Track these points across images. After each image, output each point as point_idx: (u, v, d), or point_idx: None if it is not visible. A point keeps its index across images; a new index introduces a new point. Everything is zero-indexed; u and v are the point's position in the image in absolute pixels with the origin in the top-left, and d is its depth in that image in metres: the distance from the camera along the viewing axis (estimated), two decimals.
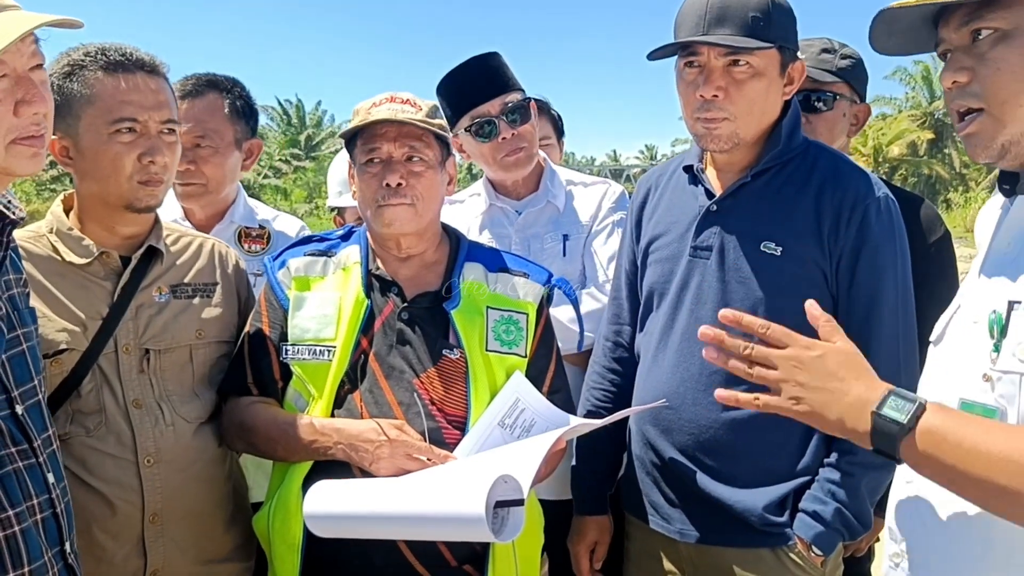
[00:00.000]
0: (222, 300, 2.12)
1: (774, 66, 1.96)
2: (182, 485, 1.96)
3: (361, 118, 1.99)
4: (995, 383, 1.29)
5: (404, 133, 1.97)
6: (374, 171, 1.98)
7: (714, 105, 1.96)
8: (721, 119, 1.97)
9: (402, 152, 1.97)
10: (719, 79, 1.94)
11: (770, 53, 1.94)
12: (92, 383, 1.91)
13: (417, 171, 1.98)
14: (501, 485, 1.67)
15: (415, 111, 1.98)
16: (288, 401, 2.02)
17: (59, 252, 1.94)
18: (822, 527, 1.93)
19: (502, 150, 2.60)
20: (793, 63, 2.01)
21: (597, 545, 2.32)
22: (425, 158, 1.99)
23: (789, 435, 1.99)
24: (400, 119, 1.94)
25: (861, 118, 2.73)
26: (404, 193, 1.96)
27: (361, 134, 2.00)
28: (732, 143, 1.99)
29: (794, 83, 2.03)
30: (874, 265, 1.95)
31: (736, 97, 1.95)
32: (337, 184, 3.12)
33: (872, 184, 2.00)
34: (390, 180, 1.95)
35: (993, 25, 1.31)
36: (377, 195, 1.97)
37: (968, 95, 1.35)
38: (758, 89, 1.95)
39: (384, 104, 1.98)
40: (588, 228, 2.65)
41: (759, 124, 2.00)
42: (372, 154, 1.98)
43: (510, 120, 2.57)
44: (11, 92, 1.38)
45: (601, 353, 2.34)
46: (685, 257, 2.09)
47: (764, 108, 1.99)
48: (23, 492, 1.45)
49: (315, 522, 1.79)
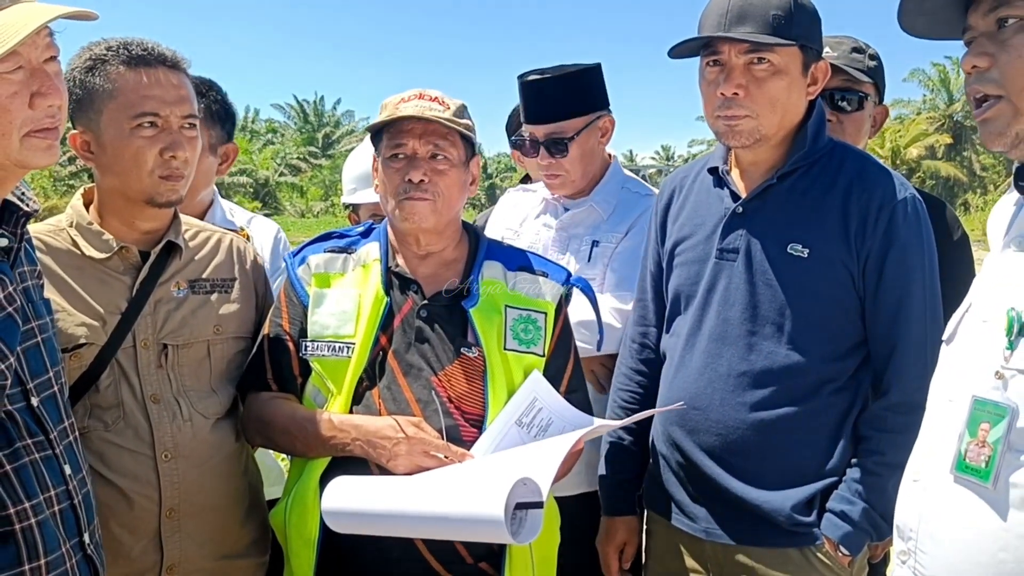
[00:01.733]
0: (240, 296, 2.12)
1: (796, 65, 1.96)
2: (199, 480, 1.96)
3: (389, 113, 1.99)
4: (1008, 381, 1.29)
5: (430, 131, 1.97)
6: (398, 166, 1.98)
7: (734, 103, 1.96)
8: (742, 116, 1.96)
9: (427, 149, 1.97)
10: (739, 76, 1.94)
11: (791, 51, 1.93)
12: (110, 378, 1.92)
13: (440, 169, 1.98)
14: (520, 487, 1.67)
15: (443, 109, 1.98)
16: (307, 397, 2.02)
17: (79, 246, 1.95)
18: (850, 527, 1.93)
19: (541, 170, 2.69)
20: (816, 63, 2.00)
21: (626, 546, 2.33)
22: (449, 157, 1.99)
23: (816, 435, 1.99)
24: (427, 116, 1.94)
25: (879, 120, 2.72)
26: (426, 189, 1.96)
27: (388, 128, 2.01)
28: (753, 139, 1.99)
29: (818, 83, 2.02)
30: (902, 267, 1.95)
31: (756, 94, 1.94)
32: (351, 181, 3.12)
33: (899, 185, 1.99)
34: (413, 176, 1.95)
35: (1019, 13, 1.31)
36: (399, 189, 1.97)
37: (987, 81, 1.35)
38: (779, 87, 1.95)
39: (413, 100, 1.98)
40: (619, 239, 2.65)
41: (781, 122, 1.99)
42: (397, 149, 1.99)
43: (549, 150, 2.61)
44: (26, 84, 1.38)
45: (627, 354, 2.35)
46: (711, 260, 2.08)
47: (786, 106, 1.98)
48: (40, 484, 1.46)
49: (333, 518, 1.80)
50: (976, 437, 1.31)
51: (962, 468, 1.32)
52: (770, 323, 1.99)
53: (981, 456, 1.30)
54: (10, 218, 1.49)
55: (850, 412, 2.01)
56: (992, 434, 1.29)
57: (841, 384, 2.00)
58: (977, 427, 1.31)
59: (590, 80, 2.65)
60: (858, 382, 2.02)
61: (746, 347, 2.01)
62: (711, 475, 2.06)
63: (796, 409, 1.98)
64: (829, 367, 1.99)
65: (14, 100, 1.37)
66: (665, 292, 2.24)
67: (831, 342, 1.99)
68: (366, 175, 2.88)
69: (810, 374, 1.98)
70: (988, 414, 1.30)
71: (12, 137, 1.38)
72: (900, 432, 1.77)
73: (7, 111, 1.36)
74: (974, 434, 1.31)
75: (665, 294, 2.24)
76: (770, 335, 2.00)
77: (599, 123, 2.67)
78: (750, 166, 2.09)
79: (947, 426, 1.38)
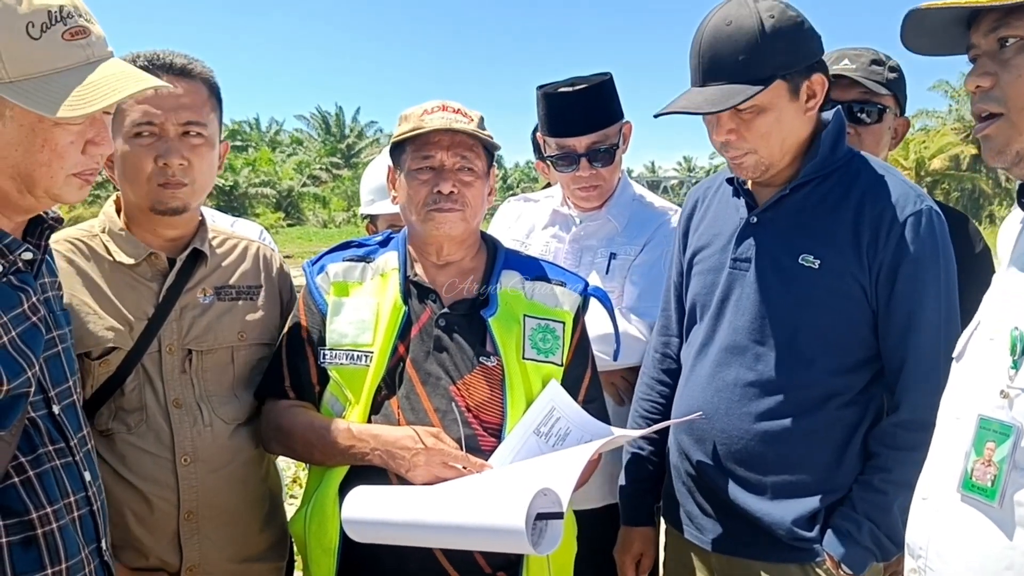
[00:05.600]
0: (265, 303, 2.14)
1: (781, 95, 1.93)
2: (217, 485, 1.98)
3: (414, 125, 2.00)
4: (1013, 400, 1.29)
5: (457, 142, 1.99)
6: (425, 178, 1.99)
7: (730, 145, 1.98)
8: (742, 154, 1.98)
9: (454, 161, 1.99)
10: (727, 123, 1.96)
11: (771, 88, 1.91)
12: (135, 381, 1.95)
13: (467, 180, 2.00)
14: (541, 498, 1.67)
15: (467, 121, 1.99)
16: (325, 405, 2.03)
17: (110, 251, 1.99)
18: (853, 545, 1.90)
19: (578, 183, 2.66)
20: (809, 78, 1.96)
21: (643, 556, 2.32)
22: (475, 168, 2.01)
23: (821, 449, 1.97)
24: (455, 128, 1.96)
25: (901, 132, 2.71)
26: (455, 200, 1.98)
27: (413, 140, 2.01)
28: (760, 171, 2.01)
29: (817, 95, 1.98)
30: (914, 281, 1.92)
31: (748, 135, 1.95)
32: (369, 192, 3.14)
33: (916, 197, 1.96)
34: (443, 187, 1.97)
35: (1019, 33, 1.31)
36: (428, 200, 1.98)
37: (990, 99, 1.36)
38: (768, 122, 1.94)
39: (437, 112, 2.00)
40: (637, 252, 2.65)
41: (783, 148, 1.99)
42: (425, 161, 2.00)
43: (592, 161, 2.60)
44: (83, 133, 1.45)
45: (650, 364, 2.35)
46: (726, 269, 2.08)
47: (782, 134, 1.97)
48: (60, 490, 1.48)
49: (353, 527, 1.81)
50: (982, 456, 1.31)
51: (968, 487, 1.32)
52: (778, 334, 1.98)
53: (987, 475, 1.29)
54: (34, 230, 1.54)
55: (859, 427, 1.98)
56: (998, 453, 1.28)
57: (850, 398, 1.98)
58: (983, 446, 1.31)
59: (613, 88, 2.66)
60: (869, 397, 2.00)
61: (754, 357, 2.01)
62: (716, 485, 2.05)
63: (801, 421, 1.96)
64: (837, 380, 1.97)
65: (70, 148, 1.43)
66: (684, 302, 2.24)
67: (840, 355, 1.97)
68: (385, 186, 2.90)
69: (817, 386, 1.96)
70: (994, 433, 1.30)
71: (58, 178, 1.44)
72: (909, 450, 1.75)
73: (62, 157, 1.43)
74: (980, 453, 1.31)
75: (684, 304, 2.24)
76: (777, 346, 1.98)
77: (624, 129, 2.68)
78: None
79: (954, 444, 1.37)
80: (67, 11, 1.39)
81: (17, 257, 1.46)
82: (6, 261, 1.44)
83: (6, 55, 1.34)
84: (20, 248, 1.46)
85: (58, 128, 1.40)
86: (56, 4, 1.38)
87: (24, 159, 1.40)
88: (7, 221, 1.47)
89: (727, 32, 1.91)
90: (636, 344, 2.47)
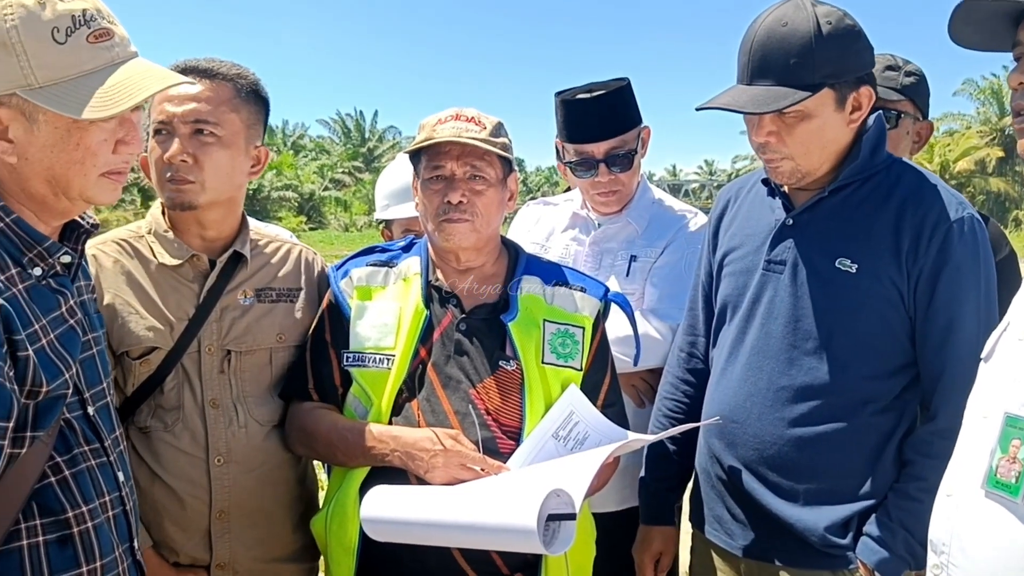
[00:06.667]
0: (305, 306, 2.17)
1: (827, 104, 1.92)
2: (250, 485, 2.02)
3: (426, 135, 2.02)
4: None
5: (467, 152, 2.01)
6: (437, 188, 2.02)
7: (768, 147, 1.96)
8: (779, 159, 1.97)
9: (464, 171, 2.01)
10: (769, 124, 1.94)
11: (818, 95, 1.89)
12: (175, 380, 2.00)
13: (478, 189, 2.02)
14: (554, 499, 1.70)
15: (479, 129, 2.01)
16: (348, 407, 2.06)
17: (155, 252, 2.05)
18: (887, 553, 1.88)
19: (596, 188, 2.67)
20: (857, 90, 1.95)
21: (662, 555, 2.32)
22: (487, 177, 2.03)
23: (856, 455, 1.95)
24: (462, 140, 1.98)
25: (924, 136, 2.69)
26: (464, 210, 2.00)
27: (426, 150, 2.04)
28: (796, 177, 1.99)
29: (862, 108, 1.97)
30: (954, 288, 1.90)
31: (788, 140, 1.94)
32: (384, 197, 3.16)
33: (958, 204, 1.94)
34: (451, 198, 1.99)
35: None
36: (439, 210, 2.01)
37: None
38: (810, 130, 1.93)
39: (449, 122, 2.02)
40: (657, 254, 2.66)
41: (820, 157, 1.98)
42: (436, 171, 2.02)
43: (611, 166, 2.62)
44: (114, 132, 1.49)
45: (675, 364, 2.34)
46: (759, 271, 2.07)
47: (822, 143, 1.96)
48: (96, 489, 1.52)
49: (371, 526, 1.84)
50: (1007, 453, 1.32)
51: (993, 484, 1.34)
52: (813, 338, 1.96)
53: (1012, 472, 1.31)
54: (71, 235, 1.58)
55: (894, 434, 1.96)
56: (1023, 451, 1.29)
57: (885, 404, 1.96)
58: (1008, 443, 1.32)
59: (631, 93, 2.67)
60: (904, 403, 1.98)
61: (787, 361, 1.99)
62: (747, 490, 2.04)
63: (835, 427, 1.95)
64: (872, 386, 1.95)
65: (103, 146, 1.47)
66: (714, 302, 2.23)
67: (875, 361, 1.95)
68: (399, 191, 2.93)
69: (852, 392, 1.94)
70: (1019, 431, 1.31)
71: (90, 176, 1.48)
72: (945, 458, 1.71)
73: (94, 155, 1.47)
74: (1005, 450, 1.32)
75: (714, 304, 2.23)
76: (812, 350, 1.97)
77: (642, 134, 2.70)
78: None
79: (980, 442, 1.39)
80: (90, 14, 1.43)
81: (56, 261, 1.49)
82: (45, 264, 1.48)
83: (34, 62, 1.38)
84: (59, 252, 1.50)
85: (93, 127, 1.44)
86: (79, 8, 1.42)
87: (59, 160, 1.44)
88: (44, 226, 1.51)
89: (781, 33, 1.89)
90: (656, 346, 2.48)
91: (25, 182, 1.46)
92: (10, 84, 1.38)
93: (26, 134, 1.42)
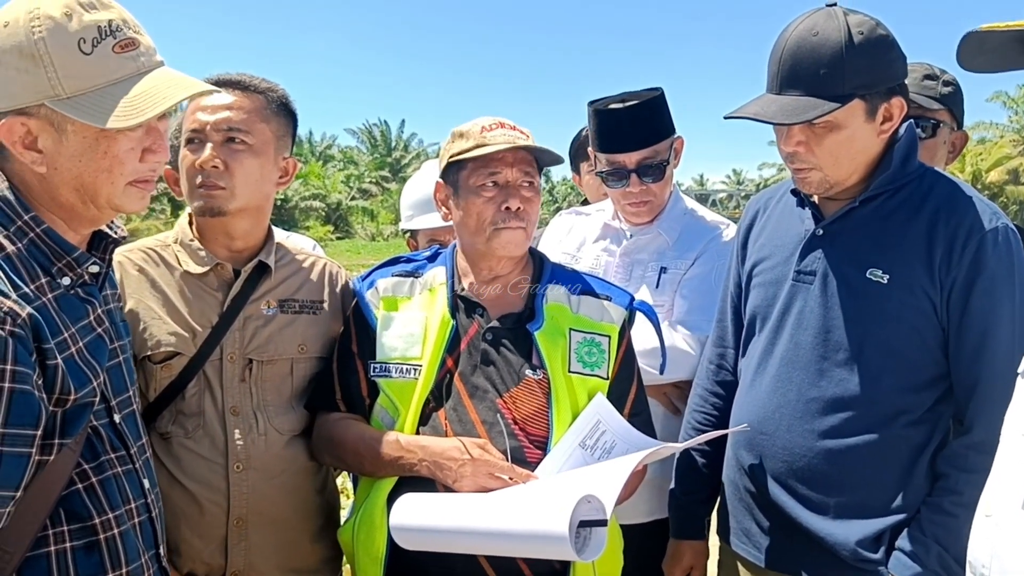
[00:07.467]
0: (328, 317, 2.19)
1: (857, 115, 1.89)
2: (269, 493, 2.02)
3: (476, 142, 2.01)
4: None
5: (519, 159, 2.01)
6: (490, 195, 2.01)
7: (797, 157, 1.95)
8: (808, 169, 1.95)
9: (517, 177, 2.01)
10: (797, 134, 1.93)
11: (848, 106, 1.87)
12: (196, 387, 2.01)
13: (528, 196, 2.02)
14: (585, 505, 1.69)
15: (525, 138, 2.02)
16: (375, 417, 2.06)
17: (180, 261, 2.08)
18: (920, 568, 1.84)
19: (628, 199, 2.66)
20: (889, 101, 1.92)
21: (692, 570, 2.31)
22: (535, 183, 2.04)
23: (888, 468, 1.92)
24: (521, 145, 1.98)
25: (958, 146, 2.67)
26: (521, 216, 2.01)
27: (476, 158, 2.02)
28: (824, 188, 1.98)
29: (893, 119, 1.94)
30: (989, 298, 1.86)
31: (817, 150, 1.92)
32: (409, 207, 3.17)
33: (992, 214, 1.91)
34: (512, 204, 1.99)
35: None
36: (496, 218, 2.00)
37: None
38: (839, 140, 1.90)
39: (497, 129, 2.01)
40: (688, 266, 2.64)
41: (850, 168, 1.95)
42: (491, 178, 2.01)
43: (642, 177, 2.61)
44: (141, 140, 1.50)
45: (704, 375, 2.33)
46: (788, 281, 2.05)
47: (852, 154, 1.93)
48: (122, 496, 1.53)
49: (400, 534, 1.84)
50: None
51: None
52: (843, 349, 1.94)
53: None
54: (99, 244, 1.60)
55: (927, 447, 1.93)
56: None
57: (917, 417, 1.92)
58: None
59: (664, 103, 2.66)
60: (937, 415, 1.94)
61: (817, 372, 1.97)
62: (776, 502, 2.02)
63: (867, 439, 1.92)
64: (904, 398, 1.92)
65: (130, 154, 1.49)
66: (743, 313, 2.21)
67: (907, 372, 1.92)
68: (423, 201, 2.92)
69: (883, 404, 1.91)
70: None
71: (118, 185, 1.50)
72: (981, 472, 1.67)
73: (122, 163, 1.48)
74: None
75: (743, 315, 2.21)
76: (843, 361, 1.94)
77: (675, 145, 2.68)
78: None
79: (1020, 460, 1.36)
80: (116, 24, 1.44)
81: (85, 270, 1.51)
82: (74, 274, 1.49)
83: (62, 73, 1.39)
84: (88, 262, 1.52)
85: (120, 136, 1.46)
86: (105, 19, 1.43)
87: (87, 168, 1.46)
88: (74, 235, 1.53)
89: (812, 43, 1.87)
90: (685, 358, 2.46)
91: (55, 191, 1.47)
92: (38, 95, 1.40)
93: (55, 144, 1.44)
